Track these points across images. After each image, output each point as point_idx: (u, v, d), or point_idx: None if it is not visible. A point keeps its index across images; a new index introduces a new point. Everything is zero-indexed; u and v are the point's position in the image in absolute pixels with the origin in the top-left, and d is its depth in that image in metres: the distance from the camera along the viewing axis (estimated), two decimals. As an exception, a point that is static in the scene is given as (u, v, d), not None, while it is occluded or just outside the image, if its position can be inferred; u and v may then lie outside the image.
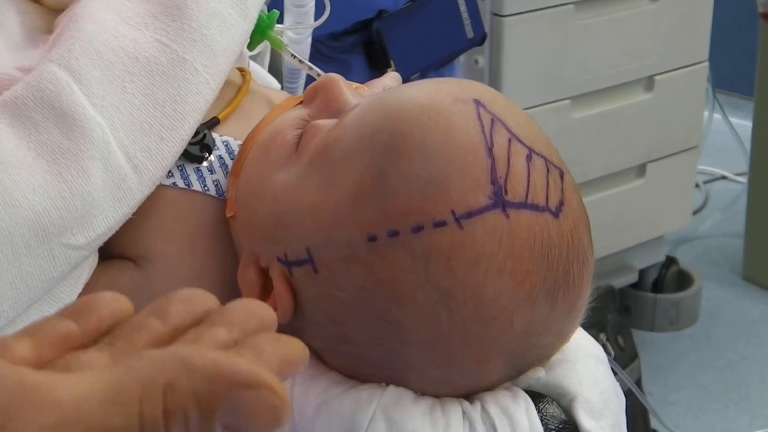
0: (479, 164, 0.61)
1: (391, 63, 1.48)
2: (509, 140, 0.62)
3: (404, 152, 0.61)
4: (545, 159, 0.63)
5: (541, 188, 0.62)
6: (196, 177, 0.72)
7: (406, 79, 0.79)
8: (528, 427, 0.63)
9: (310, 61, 0.89)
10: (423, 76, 1.49)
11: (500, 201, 0.60)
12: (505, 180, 0.61)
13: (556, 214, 0.62)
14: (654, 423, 1.83)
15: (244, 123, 0.75)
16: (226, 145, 0.74)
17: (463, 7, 1.56)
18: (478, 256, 0.60)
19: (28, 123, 0.68)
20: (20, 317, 0.67)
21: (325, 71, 0.78)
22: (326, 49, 1.43)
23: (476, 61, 1.73)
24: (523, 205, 0.61)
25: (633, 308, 2.16)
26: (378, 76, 0.82)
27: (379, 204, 0.61)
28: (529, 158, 0.62)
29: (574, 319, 0.66)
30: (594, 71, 1.83)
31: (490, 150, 0.61)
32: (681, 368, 2.07)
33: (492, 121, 0.62)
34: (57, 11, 0.82)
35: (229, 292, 0.70)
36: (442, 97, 0.63)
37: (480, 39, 1.61)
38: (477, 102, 0.63)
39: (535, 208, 0.61)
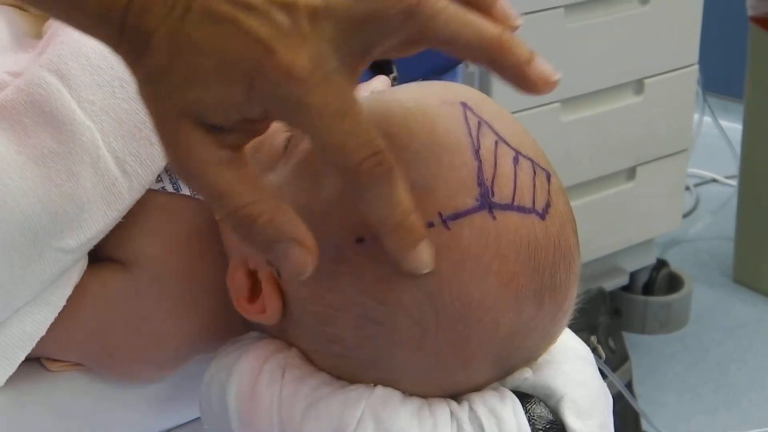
0: (466, 166, 0.61)
1: (393, 68, 1.48)
2: (496, 142, 0.63)
3: (392, 154, 0.61)
4: (532, 161, 0.64)
5: (527, 190, 0.62)
6: (185, 181, 0.73)
7: None
8: (515, 427, 0.64)
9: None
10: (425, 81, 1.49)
11: (487, 203, 0.61)
12: (492, 182, 0.61)
13: (542, 216, 0.62)
14: (644, 425, 1.83)
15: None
16: (216, 149, 0.74)
17: None
18: (465, 258, 0.60)
19: (18, 127, 0.68)
20: (10, 319, 0.68)
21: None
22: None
23: (466, 65, 1.74)
24: (509, 207, 0.61)
25: (624, 311, 2.15)
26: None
27: (367, 206, 0.61)
28: (516, 160, 0.63)
29: (560, 321, 0.66)
30: (583, 74, 1.82)
31: (477, 152, 0.61)
32: (671, 370, 2.07)
33: (479, 123, 0.63)
34: (44, 18, 0.83)
35: (219, 295, 0.70)
36: (430, 99, 0.64)
37: None
38: (464, 105, 0.63)
39: (521, 209, 0.62)
